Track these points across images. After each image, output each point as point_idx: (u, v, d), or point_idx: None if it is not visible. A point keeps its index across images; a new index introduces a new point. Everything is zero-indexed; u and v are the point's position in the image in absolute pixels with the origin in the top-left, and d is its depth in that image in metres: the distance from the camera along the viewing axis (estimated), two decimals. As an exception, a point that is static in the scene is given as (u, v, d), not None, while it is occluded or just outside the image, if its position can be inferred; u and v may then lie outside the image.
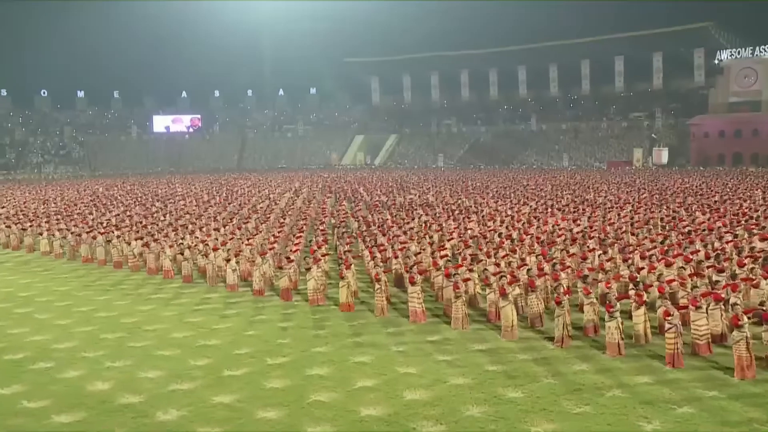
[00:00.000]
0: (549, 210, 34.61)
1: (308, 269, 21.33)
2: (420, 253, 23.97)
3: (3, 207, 46.44)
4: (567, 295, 16.92)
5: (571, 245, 24.51)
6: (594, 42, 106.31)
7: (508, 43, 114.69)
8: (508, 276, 18.99)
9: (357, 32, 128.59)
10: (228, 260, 23.89)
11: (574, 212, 33.94)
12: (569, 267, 20.54)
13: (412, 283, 19.07)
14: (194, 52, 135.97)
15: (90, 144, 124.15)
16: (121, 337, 18.18)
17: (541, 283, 19.28)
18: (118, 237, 29.62)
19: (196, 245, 27.40)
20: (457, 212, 35.30)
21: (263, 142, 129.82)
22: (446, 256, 23.25)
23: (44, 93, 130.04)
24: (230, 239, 28.36)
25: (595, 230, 28.08)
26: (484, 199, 43.08)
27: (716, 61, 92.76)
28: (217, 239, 27.57)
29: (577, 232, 26.29)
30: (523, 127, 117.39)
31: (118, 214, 39.80)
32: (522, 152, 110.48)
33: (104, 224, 34.41)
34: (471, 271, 20.73)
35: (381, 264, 21.71)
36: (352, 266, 21.81)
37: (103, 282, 26.05)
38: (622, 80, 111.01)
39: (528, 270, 19.12)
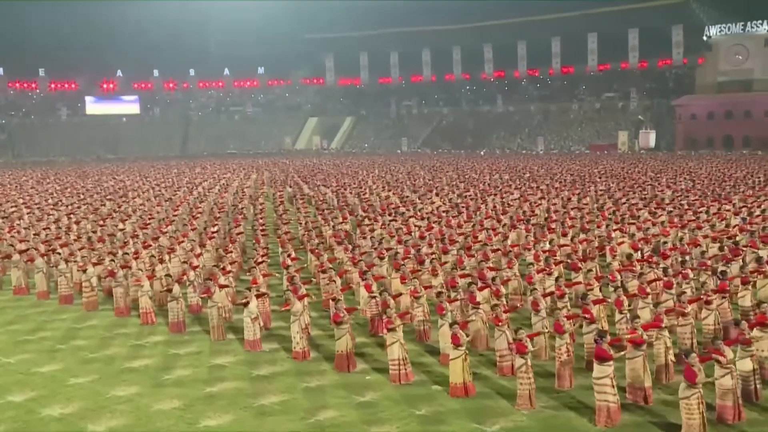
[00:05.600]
0: (626, 212, 26.67)
1: (338, 324, 13.41)
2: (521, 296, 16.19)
3: None
4: None
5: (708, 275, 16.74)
6: (566, 18, 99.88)
7: (473, 19, 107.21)
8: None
9: (308, 5, 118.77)
10: (245, 303, 15.68)
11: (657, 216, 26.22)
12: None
13: (522, 353, 11.54)
14: (129, 26, 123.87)
15: (12, 127, 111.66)
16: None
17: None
18: (67, 261, 20.74)
19: (190, 273, 18.94)
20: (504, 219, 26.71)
21: (208, 125, 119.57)
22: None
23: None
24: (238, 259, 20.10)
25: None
26: (522, 196, 33.90)
27: (705, 38, 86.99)
28: (218, 264, 19.22)
29: (713, 256, 18.52)
30: (488, 109, 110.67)
31: (57, 219, 30.49)
32: (489, 135, 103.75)
33: (44, 237, 25.38)
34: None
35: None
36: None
37: (46, 334, 17.47)
38: (596, 59, 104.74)
39: (714, 340, 11.66)
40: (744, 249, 18.28)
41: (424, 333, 15.89)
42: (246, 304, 15.60)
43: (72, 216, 31.05)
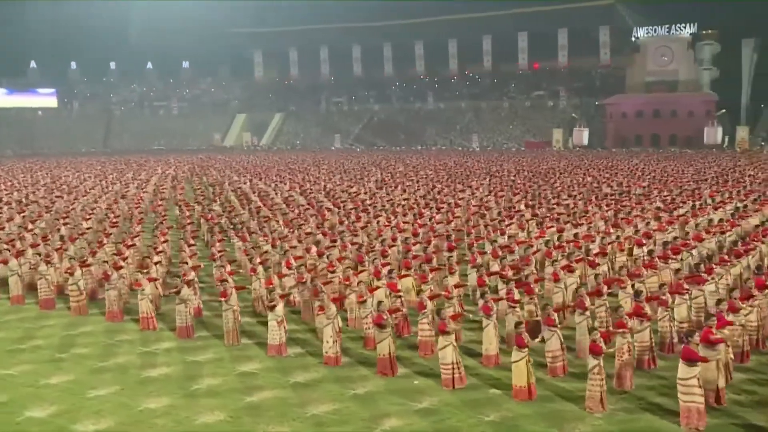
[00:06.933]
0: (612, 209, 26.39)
1: (381, 327, 12.76)
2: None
3: None
4: None
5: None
6: (497, 16, 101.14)
7: (404, 16, 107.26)
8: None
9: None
10: (272, 306, 14.72)
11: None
12: None
13: (597, 354, 11.43)
14: (45, 17, 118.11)
15: None
16: None
17: None
18: (48, 263, 19.12)
19: (189, 274, 17.73)
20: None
21: (132, 120, 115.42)
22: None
23: None
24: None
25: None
26: (495, 193, 33.22)
27: (633, 38, 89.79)
28: (222, 266, 18.08)
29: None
30: (419, 106, 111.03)
31: (11, 218, 28.36)
32: (421, 132, 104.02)
33: (6, 237, 23.46)
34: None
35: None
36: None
37: (39, 342, 15.99)
38: (526, 57, 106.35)
39: None
40: (755, 243, 18.45)
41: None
42: (273, 308, 14.65)
43: (24, 214, 28.97)
